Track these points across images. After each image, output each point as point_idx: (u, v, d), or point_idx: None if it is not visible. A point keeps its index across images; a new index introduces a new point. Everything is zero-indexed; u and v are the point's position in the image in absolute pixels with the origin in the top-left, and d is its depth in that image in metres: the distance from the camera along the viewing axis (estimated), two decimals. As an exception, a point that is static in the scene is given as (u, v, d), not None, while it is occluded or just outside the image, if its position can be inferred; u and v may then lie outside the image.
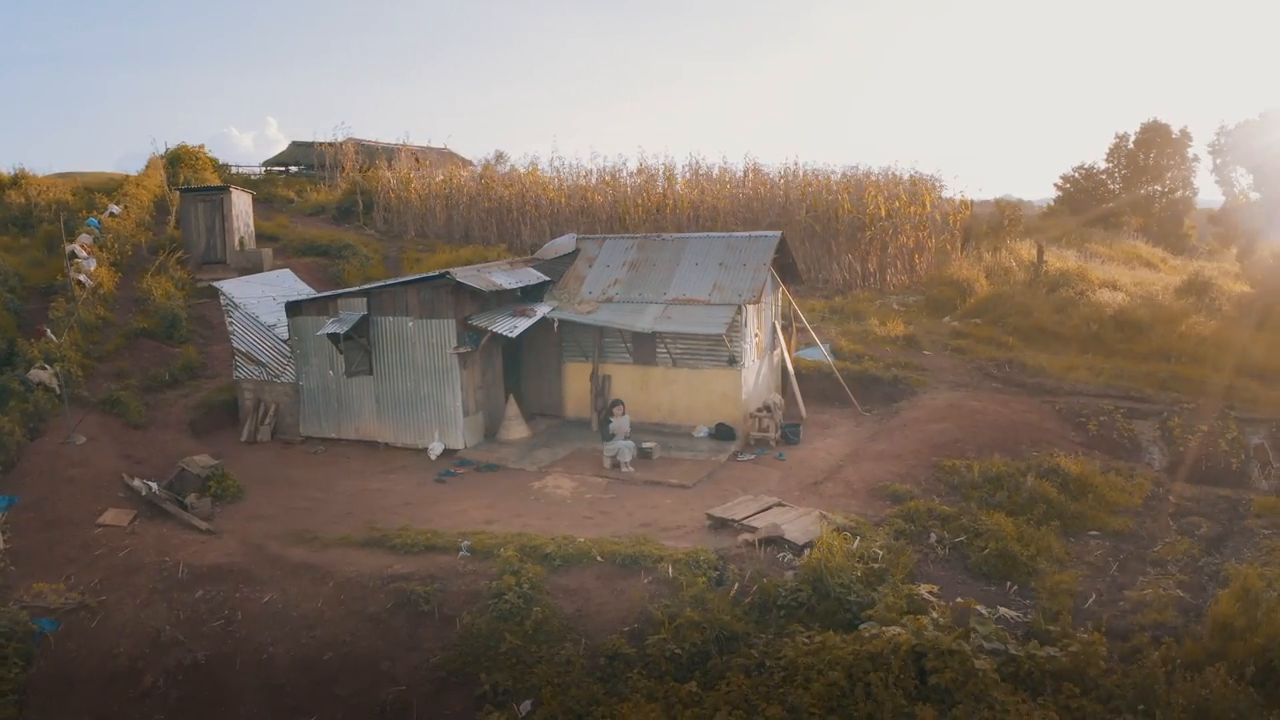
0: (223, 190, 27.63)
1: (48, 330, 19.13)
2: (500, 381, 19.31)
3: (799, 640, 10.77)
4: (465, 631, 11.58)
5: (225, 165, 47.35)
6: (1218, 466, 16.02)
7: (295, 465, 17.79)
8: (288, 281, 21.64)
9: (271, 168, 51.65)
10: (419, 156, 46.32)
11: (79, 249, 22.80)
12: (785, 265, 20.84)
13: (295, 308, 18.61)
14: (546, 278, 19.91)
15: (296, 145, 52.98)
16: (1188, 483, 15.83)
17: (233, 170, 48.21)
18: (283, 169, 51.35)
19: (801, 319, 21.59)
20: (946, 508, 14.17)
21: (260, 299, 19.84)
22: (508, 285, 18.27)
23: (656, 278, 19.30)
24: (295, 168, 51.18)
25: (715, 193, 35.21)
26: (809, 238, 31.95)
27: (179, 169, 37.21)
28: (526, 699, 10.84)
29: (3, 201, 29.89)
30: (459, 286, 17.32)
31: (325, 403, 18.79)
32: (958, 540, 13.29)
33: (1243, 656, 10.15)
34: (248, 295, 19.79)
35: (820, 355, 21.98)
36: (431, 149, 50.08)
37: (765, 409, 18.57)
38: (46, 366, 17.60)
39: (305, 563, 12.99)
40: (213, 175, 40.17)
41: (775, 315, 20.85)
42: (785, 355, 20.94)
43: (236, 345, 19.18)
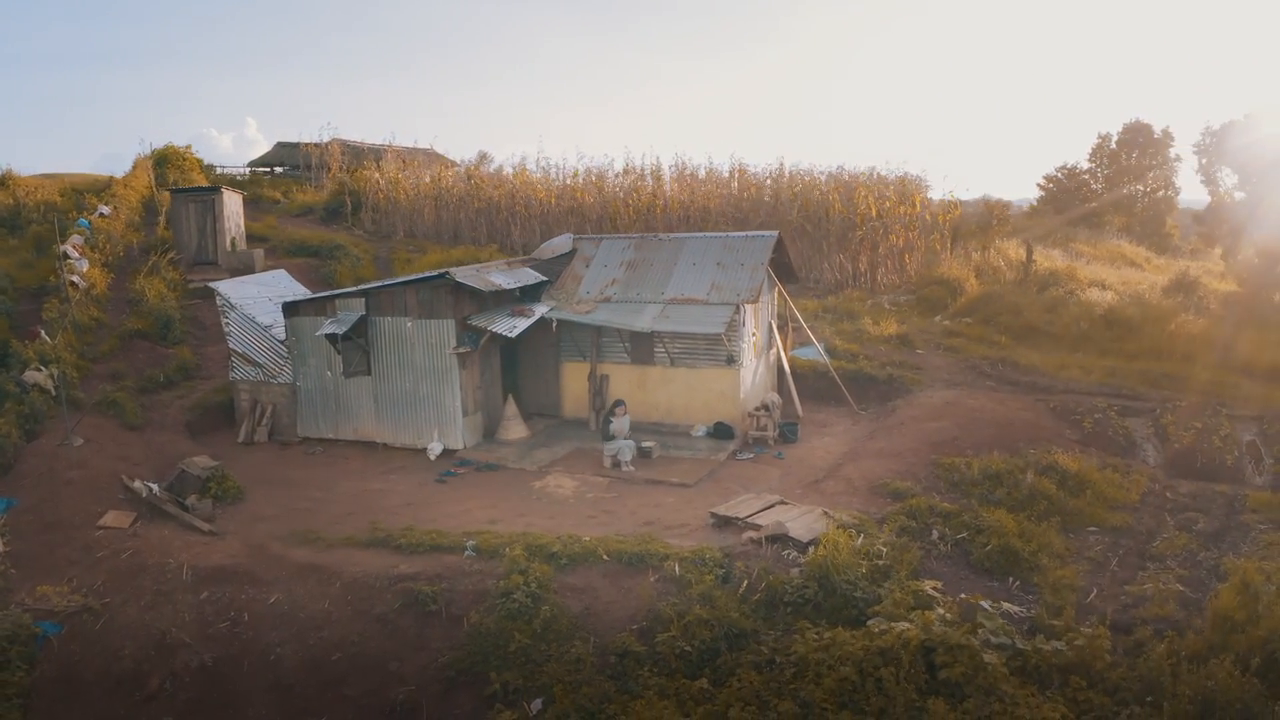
0: (214, 191, 27.47)
1: (42, 331, 18.97)
2: (498, 381, 19.32)
3: (808, 636, 10.84)
4: (473, 631, 11.59)
5: (210, 166, 47.06)
6: (1212, 463, 16.23)
7: (294, 466, 17.73)
8: (283, 282, 21.55)
9: (256, 168, 51.38)
10: (404, 157, 46.20)
11: (71, 250, 22.62)
12: (781, 265, 20.95)
13: (293, 308, 18.54)
14: (544, 278, 19.93)
15: (281, 146, 52.71)
16: (1183, 479, 16.05)
17: (217, 171, 47.90)
18: (267, 170, 51.08)
19: (798, 318, 21.71)
20: (947, 505, 14.29)
21: (256, 299, 19.75)
22: (507, 285, 18.28)
23: (654, 277, 19.36)
24: (280, 168, 50.92)
25: (706, 193, 35.30)
26: (800, 237, 32.09)
27: (166, 170, 36.89)
28: (537, 697, 10.86)
29: (-9, 202, 29.59)
30: (458, 286, 17.31)
31: (323, 403, 18.74)
32: (960, 537, 13.41)
33: (1244, 649, 10.30)
34: (244, 296, 19.70)
35: (815, 354, 22.10)
36: (417, 149, 49.95)
37: (764, 408, 18.67)
38: (42, 368, 17.45)
39: (310, 563, 12.95)
40: (200, 176, 39.88)
41: (771, 315, 20.96)
42: (781, 354, 21.05)
43: (233, 346, 19.09)
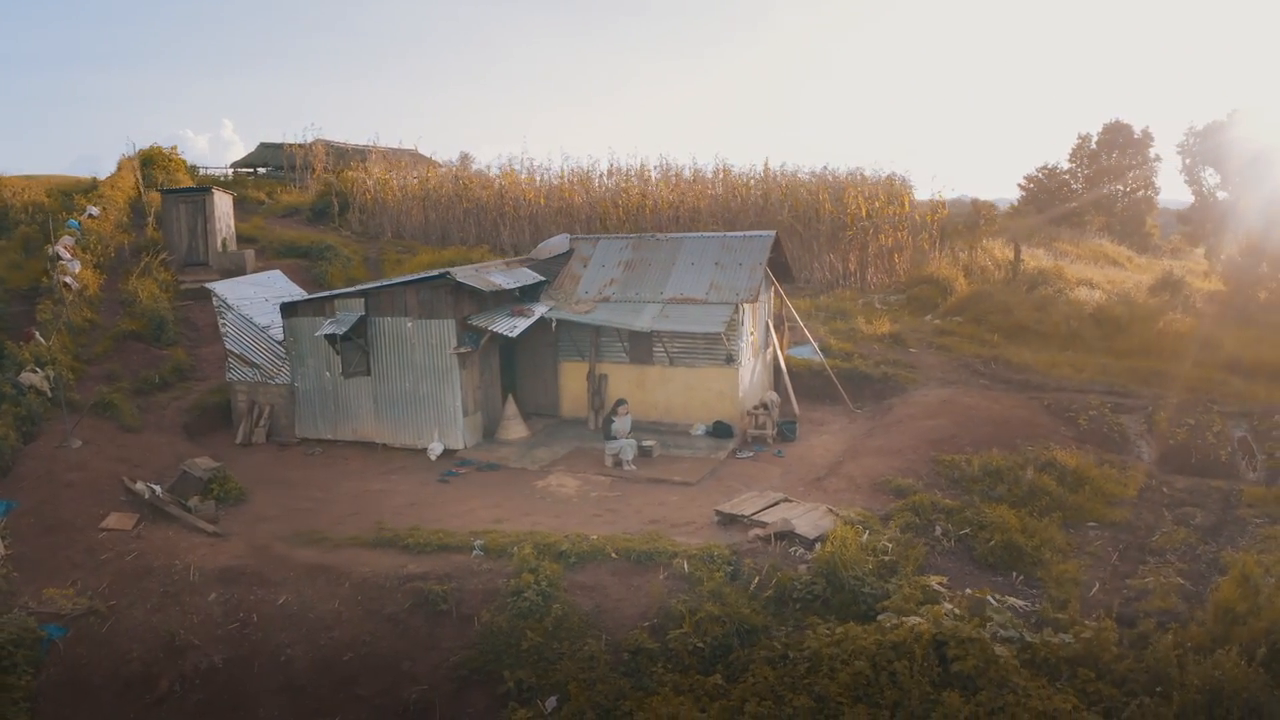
0: (205, 191, 27.27)
1: (36, 333, 18.79)
2: (497, 381, 19.33)
3: (820, 631, 10.96)
4: (485, 630, 11.62)
5: (193, 167, 46.71)
6: (1206, 459, 16.49)
7: (294, 467, 17.68)
8: (279, 283, 21.45)
9: (240, 169, 51.04)
10: (389, 158, 46.04)
11: (63, 251, 22.41)
12: (778, 264, 21.07)
13: (291, 309, 18.47)
14: (542, 278, 19.95)
15: (265, 147, 52.40)
16: (1178, 474, 16.30)
17: (200, 172, 47.53)
18: (250, 170, 50.76)
19: (795, 318, 21.83)
20: (949, 501, 14.45)
21: (253, 300, 19.64)
22: (507, 285, 18.30)
23: (653, 277, 19.43)
24: (263, 169, 50.63)
25: (695, 194, 35.42)
26: (791, 237, 32.20)
27: (153, 171, 36.57)
28: (551, 695, 10.91)
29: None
30: (459, 286, 17.31)
31: (321, 404, 18.67)
32: (963, 532, 13.56)
33: (1248, 640, 10.50)
34: (241, 296, 19.59)
35: (810, 354, 22.24)
36: (402, 150, 49.78)
37: (763, 406, 18.78)
38: (38, 370, 17.30)
39: (318, 564, 12.93)
40: (186, 177, 39.56)
41: (768, 314, 21.07)
42: (778, 353, 21.17)
43: (230, 347, 18.98)
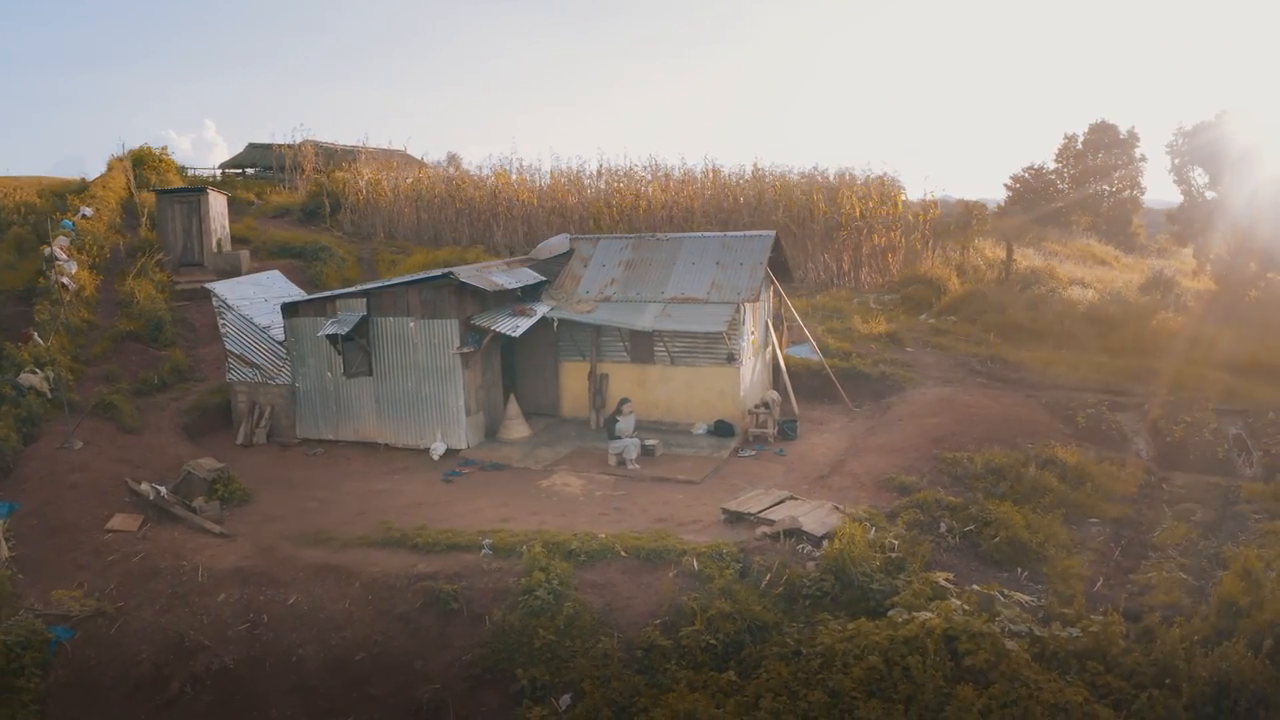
0: (200, 191, 27.16)
1: (35, 334, 18.67)
2: (499, 381, 19.34)
3: (832, 627, 11.05)
4: (497, 628, 11.64)
5: (182, 168, 46.45)
6: (1204, 456, 16.68)
7: (296, 467, 17.64)
8: (278, 283, 21.38)
9: (228, 169, 50.82)
10: (378, 159, 45.95)
11: (59, 251, 22.26)
12: (777, 263, 21.16)
13: (292, 309, 18.43)
14: (542, 278, 19.98)
15: (253, 147, 52.21)
16: (1177, 471, 16.49)
17: (189, 172, 47.29)
18: (239, 171, 50.55)
19: (795, 317, 21.94)
20: (953, 498, 14.56)
21: (253, 300, 19.58)
22: (509, 285, 18.31)
23: (654, 277, 19.49)
24: (251, 170, 50.45)
25: (689, 194, 35.53)
26: (785, 237, 32.17)
27: (144, 171, 36.37)
28: (565, 693, 10.94)
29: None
30: (462, 286, 17.32)
31: (323, 404, 18.63)
32: (967, 529, 13.67)
33: (1251, 633, 10.66)
34: (241, 297, 19.52)
35: (807, 353, 22.36)
36: (392, 151, 49.68)
37: (764, 405, 18.86)
38: (37, 370, 17.20)
39: (327, 564, 12.92)
40: (176, 177, 39.40)
41: (767, 313, 21.17)
42: (778, 352, 21.27)
43: (230, 347, 18.91)
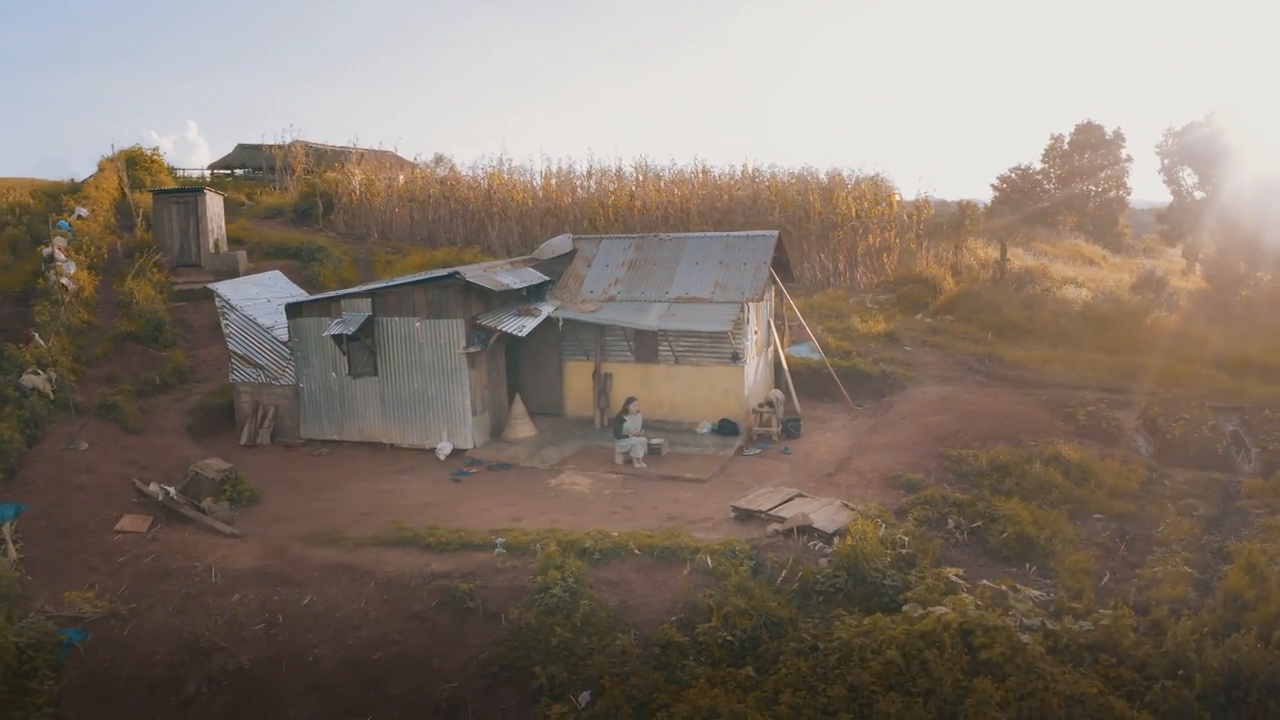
0: (197, 192, 27.05)
1: (36, 335, 18.56)
2: (504, 380, 19.37)
3: (848, 622, 11.16)
4: (513, 626, 11.68)
5: (171, 168, 46.18)
6: (1203, 452, 16.89)
7: (301, 468, 17.62)
8: (280, 283, 21.33)
9: (217, 170, 50.58)
10: (368, 159, 45.87)
11: (57, 252, 22.12)
12: (778, 263, 21.27)
13: (296, 309, 18.40)
14: (546, 278, 20.03)
15: (243, 148, 51.99)
16: (1177, 468, 16.69)
17: (179, 173, 47.03)
18: (228, 171, 50.33)
19: (797, 316, 22.08)
20: (960, 495, 14.71)
21: (256, 301, 19.53)
22: (514, 285, 18.36)
23: (658, 276, 19.58)
24: (240, 170, 50.25)
25: (684, 194, 35.64)
26: (782, 237, 32.44)
27: (136, 172, 36.16)
28: (584, 690, 10.99)
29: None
30: (468, 286, 17.34)
31: (327, 404, 18.61)
32: (975, 525, 13.81)
33: (1258, 625, 10.84)
34: (244, 297, 19.46)
35: (808, 352, 22.50)
36: (382, 152, 49.56)
37: (768, 404, 18.97)
38: (39, 372, 17.09)
39: (340, 564, 12.93)
40: (169, 178, 39.22)
41: (769, 312, 21.28)
42: (779, 352, 21.39)
43: (233, 348, 18.85)
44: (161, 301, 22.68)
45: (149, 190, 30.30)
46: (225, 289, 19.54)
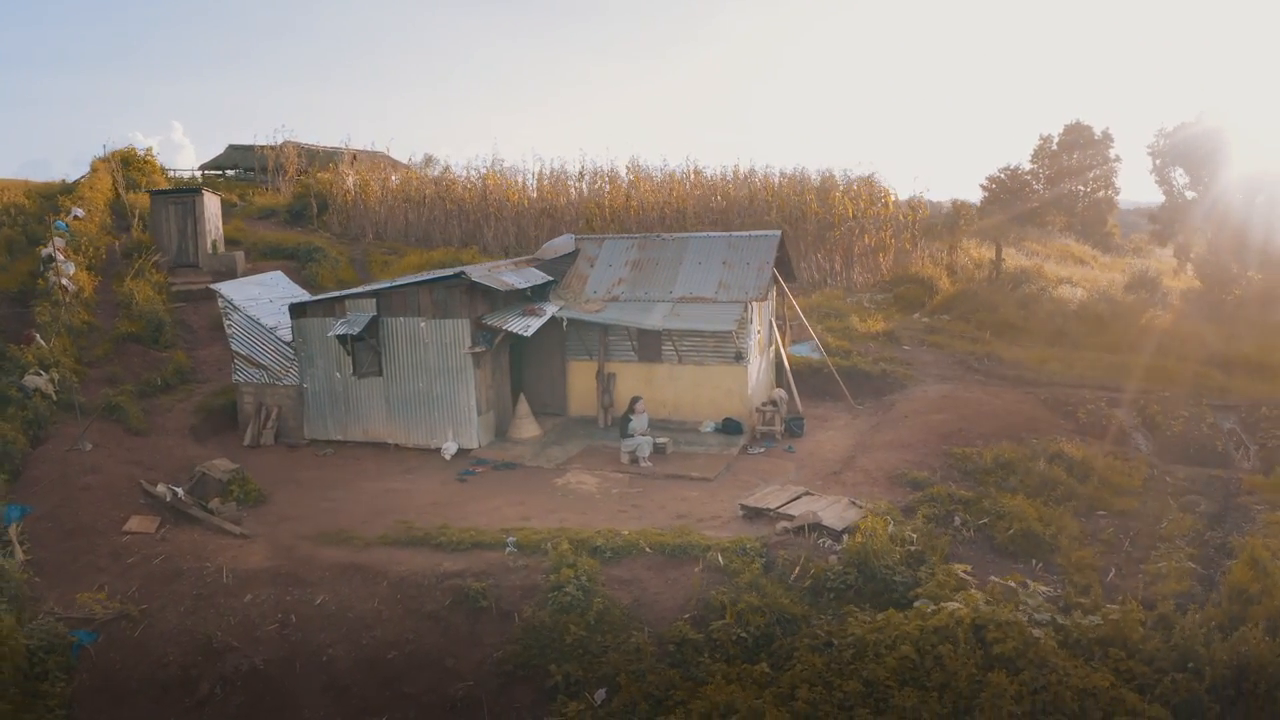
0: (195, 192, 26.94)
1: (37, 335, 18.47)
2: (508, 380, 19.40)
3: (861, 618, 11.25)
4: (527, 625, 11.72)
5: (162, 169, 45.93)
6: (1203, 449, 17.10)
7: (307, 468, 17.60)
8: (282, 284, 21.30)
9: (208, 171, 50.38)
10: (360, 160, 45.80)
11: (56, 252, 22.00)
12: (780, 262, 21.33)
13: (300, 309, 18.38)
14: (550, 278, 20.07)
15: (234, 149, 51.78)
16: (1177, 465, 16.88)
17: (171, 174, 46.81)
18: (219, 172, 50.14)
19: (799, 315, 22.18)
20: (965, 492, 14.83)
21: (258, 301, 19.50)
22: (519, 285, 18.39)
23: (661, 276, 19.65)
24: (232, 171, 50.07)
25: (680, 195, 35.74)
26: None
27: (130, 172, 35.94)
28: (600, 688, 11.04)
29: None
30: (473, 286, 17.37)
31: (331, 405, 18.60)
32: (981, 522, 13.93)
33: (1263, 619, 11.00)
34: (247, 297, 19.43)
35: (808, 351, 22.60)
36: (374, 153, 49.47)
37: (771, 403, 19.07)
38: (42, 372, 17.02)
39: (351, 563, 12.94)
40: (162, 179, 39.00)
41: (771, 312, 21.38)
42: (781, 351, 21.49)
43: (236, 348, 18.81)
44: (161, 302, 22.60)
45: (146, 191, 30.16)
46: (228, 289, 19.50)
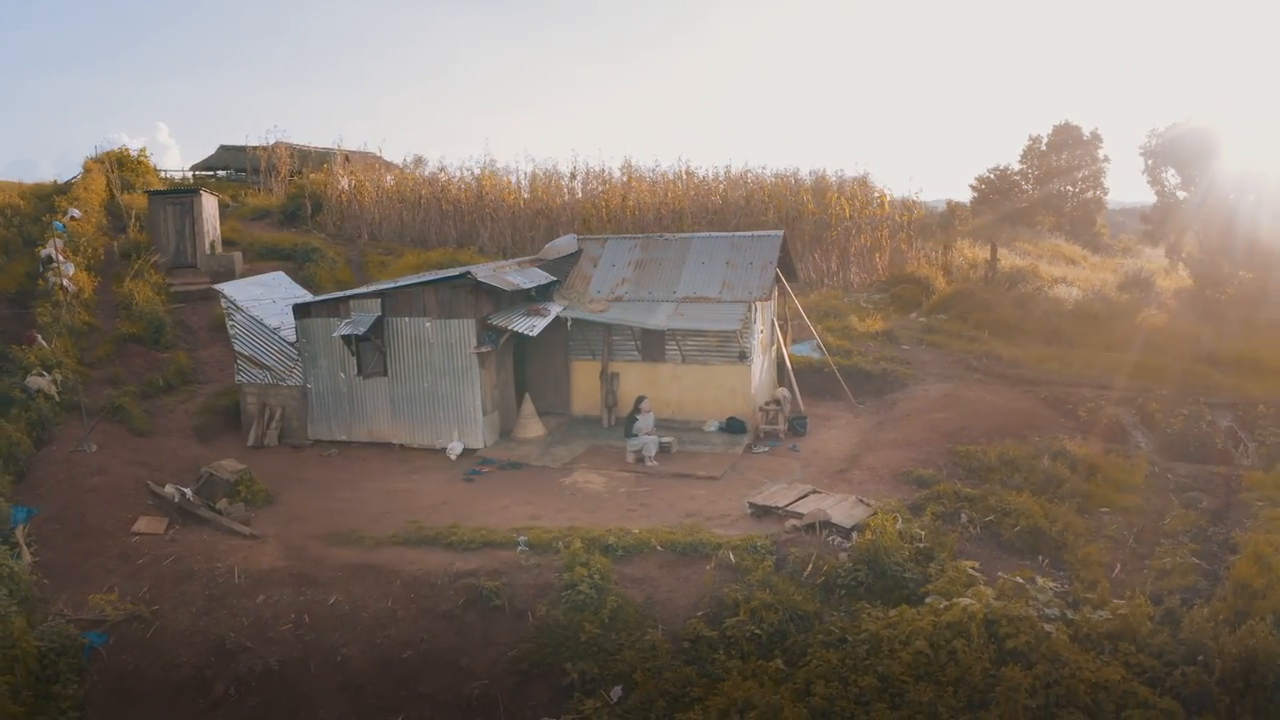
0: (193, 193, 26.85)
1: (38, 336, 18.39)
2: (512, 380, 19.43)
3: (874, 615, 11.35)
4: (541, 623, 11.79)
5: (156, 170, 45.74)
6: (1203, 446, 17.28)
7: (312, 468, 17.58)
8: (284, 284, 21.25)
9: (200, 172, 50.18)
10: (353, 160, 45.69)
11: (55, 252, 21.89)
12: (782, 262, 21.41)
13: (304, 310, 18.36)
14: (553, 278, 20.11)
15: (225, 149, 51.62)
16: (1178, 462, 17.05)
17: (162, 174, 46.63)
18: (210, 173, 49.96)
19: (801, 315, 22.28)
20: (970, 490, 14.93)
21: (261, 301, 19.46)
22: (524, 285, 18.43)
23: (665, 276, 19.72)
24: (223, 172, 49.89)
25: (676, 195, 35.81)
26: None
27: (124, 173, 35.82)
28: (616, 685, 11.10)
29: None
30: (478, 286, 17.39)
31: (335, 405, 18.58)
32: (988, 519, 14.05)
33: (1268, 613, 11.15)
34: (249, 298, 19.38)
35: (809, 351, 22.71)
36: (367, 154, 49.35)
37: (775, 402, 19.16)
38: (44, 373, 16.95)
39: (364, 563, 12.96)
40: (156, 180, 38.88)
41: (773, 312, 21.47)
42: (783, 351, 21.59)
43: (239, 349, 18.76)
44: (160, 303, 22.53)
45: (142, 191, 30.05)
46: (231, 290, 19.46)
